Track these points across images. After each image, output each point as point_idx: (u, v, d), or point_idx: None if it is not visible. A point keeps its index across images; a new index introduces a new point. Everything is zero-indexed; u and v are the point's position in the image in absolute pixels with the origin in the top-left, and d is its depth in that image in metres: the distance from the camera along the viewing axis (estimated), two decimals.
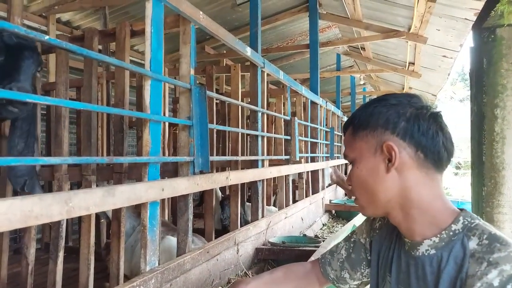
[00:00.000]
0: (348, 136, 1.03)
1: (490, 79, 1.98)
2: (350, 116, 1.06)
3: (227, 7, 6.26)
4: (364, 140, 0.98)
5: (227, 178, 2.39)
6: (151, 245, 1.73)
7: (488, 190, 1.99)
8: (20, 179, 2.05)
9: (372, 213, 1.04)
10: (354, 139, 1.00)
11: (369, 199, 0.99)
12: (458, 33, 5.62)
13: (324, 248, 2.59)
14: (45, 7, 4.48)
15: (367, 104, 1.02)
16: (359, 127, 0.99)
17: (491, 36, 1.98)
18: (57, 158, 1.22)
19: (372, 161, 0.96)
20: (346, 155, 1.04)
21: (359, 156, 0.99)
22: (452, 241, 0.89)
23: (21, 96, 1.13)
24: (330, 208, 5.48)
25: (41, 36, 1.16)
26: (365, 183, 0.98)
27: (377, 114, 0.96)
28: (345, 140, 1.05)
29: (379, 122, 0.95)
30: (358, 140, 0.99)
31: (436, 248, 0.91)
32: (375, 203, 0.98)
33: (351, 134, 1.02)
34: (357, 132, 1.00)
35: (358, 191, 1.01)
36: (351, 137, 1.02)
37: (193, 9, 2.05)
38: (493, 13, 1.98)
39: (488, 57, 1.99)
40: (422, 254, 0.93)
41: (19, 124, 2.02)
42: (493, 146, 1.96)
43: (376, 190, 0.96)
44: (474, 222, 0.90)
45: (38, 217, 1.10)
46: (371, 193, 0.97)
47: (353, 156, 1.01)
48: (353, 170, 1.01)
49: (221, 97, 2.68)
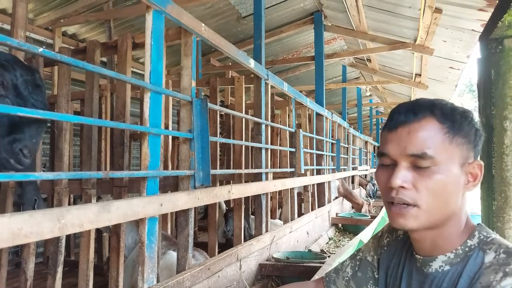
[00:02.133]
0: (435, 132, 0.86)
1: (499, 90, 1.93)
2: (427, 104, 0.90)
3: (232, 20, 6.29)
4: (459, 148, 0.87)
5: (229, 192, 2.34)
6: (149, 262, 1.68)
7: (498, 205, 1.93)
8: (31, 200, 2.02)
9: (421, 226, 0.88)
10: (450, 142, 0.86)
11: (436, 212, 0.87)
12: (465, 44, 5.58)
13: (329, 265, 2.52)
14: (51, 21, 4.53)
15: (456, 107, 0.91)
16: (459, 132, 0.87)
17: (499, 47, 1.94)
18: (50, 173, 1.18)
19: (458, 172, 0.87)
20: (430, 156, 0.85)
21: (451, 163, 0.86)
22: (467, 256, 0.87)
23: (9, 110, 1.09)
24: (337, 221, 5.40)
25: (34, 48, 1.13)
26: (445, 190, 0.85)
27: (474, 128, 0.90)
28: (428, 134, 0.86)
29: (473, 138, 0.90)
30: (455, 145, 0.87)
31: (451, 264, 0.89)
32: (439, 217, 0.88)
33: (445, 133, 0.86)
34: (455, 135, 0.87)
35: (430, 200, 0.85)
36: (444, 137, 0.86)
37: (194, 21, 2.03)
38: (500, 24, 1.94)
39: (496, 68, 1.94)
40: (436, 271, 0.90)
41: None
42: (502, 159, 1.90)
43: (450, 200, 0.87)
44: (490, 237, 0.88)
45: (28, 235, 1.06)
46: (444, 202, 0.86)
47: (442, 161, 0.85)
48: (436, 177, 0.85)
49: (224, 109, 2.65)
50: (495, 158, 1.94)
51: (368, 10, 5.73)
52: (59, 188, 2.32)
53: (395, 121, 0.90)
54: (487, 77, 1.98)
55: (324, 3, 6.21)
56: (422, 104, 0.90)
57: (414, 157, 0.86)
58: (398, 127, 0.89)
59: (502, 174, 1.90)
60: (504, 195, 1.91)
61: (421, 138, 0.86)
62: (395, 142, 0.89)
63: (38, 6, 4.65)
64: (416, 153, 0.85)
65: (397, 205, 0.88)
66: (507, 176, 1.89)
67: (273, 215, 4.81)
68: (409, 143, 0.86)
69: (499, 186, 1.92)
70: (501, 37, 1.93)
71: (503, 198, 1.91)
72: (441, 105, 0.89)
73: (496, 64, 1.94)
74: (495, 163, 1.93)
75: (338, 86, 9.92)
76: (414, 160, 0.86)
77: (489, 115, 1.97)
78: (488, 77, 1.98)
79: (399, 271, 1.01)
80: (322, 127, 5.22)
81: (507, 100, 1.91)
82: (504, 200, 1.91)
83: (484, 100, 2.00)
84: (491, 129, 1.95)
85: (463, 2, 4.33)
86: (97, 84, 2.37)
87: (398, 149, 0.88)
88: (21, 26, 2.39)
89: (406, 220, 0.87)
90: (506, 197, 1.90)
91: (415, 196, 0.86)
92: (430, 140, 0.85)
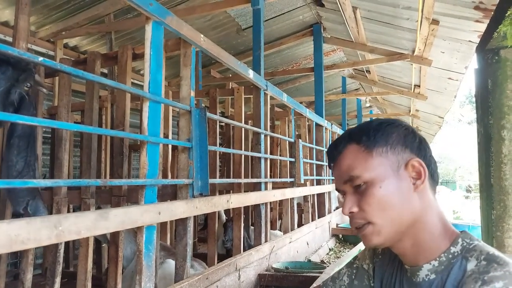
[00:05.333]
0: (355, 154, 0.92)
1: (496, 100, 1.95)
2: (346, 135, 0.97)
3: (232, 32, 6.36)
4: (383, 157, 0.90)
5: (228, 201, 2.35)
6: (147, 271, 1.67)
7: (497, 214, 1.93)
8: (22, 200, 1.99)
9: (387, 240, 0.90)
10: (371, 156, 0.90)
11: (392, 223, 0.88)
12: (463, 55, 5.62)
13: (327, 274, 2.51)
14: (53, 33, 4.58)
15: (371, 123, 0.96)
16: (375, 143, 0.91)
17: (495, 58, 1.96)
18: (48, 180, 1.19)
19: (396, 180, 0.89)
20: (357, 176, 0.90)
21: (380, 174, 0.89)
22: (451, 263, 0.86)
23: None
24: (337, 232, 5.37)
25: (35, 57, 1.16)
26: (389, 204, 0.87)
27: (394, 133, 0.93)
28: (350, 159, 0.93)
29: (399, 140, 0.92)
30: (377, 157, 0.90)
31: (436, 272, 0.88)
32: (398, 227, 0.88)
33: (363, 151, 0.91)
34: (373, 148, 0.90)
35: (378, 214, 0.88)
36: (363, 154, 0.91)
37: (193, 32, 2.06)
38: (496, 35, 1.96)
39: (493, 78, 1.96)
40: (423, 280, 0.90)
41: (16, 142, 1.96)
42: (501, 168, 1.91)
43: (402, 211, 0.88)
44: (473, 243, 0.87)
45: (25, 242, 1.06)
46: (395, 215, 0.88)
47: (370, 176, 0.89)
48: (371, 191, 0.88)
49: (223, 119, 2.67)
50: (493, 167, 1.94)
51: (366, 22, 5.79)
52: (58, 198, 2.32)
53: (328, 160, 1.01)
54: (484, 87, 2.00)
55: (323, 15, 6.28)
56: (342, 136, 0.99)
57: (348, 183, 0.93)
58: (331, 164, 1.00)
59: (500, 183, 1.90)
60: (503, 204, 1.91)
61: (345, 165, 0.94)
62: (335, 177, 0.98)
63: (40, 19, 4.71)
64: (346, 179, 0.93)
65: (358, 228, 0.93)
66: (505, 185, 1.89)
67: (273, 226, 4.80)
68: (340, 173, 0.95)
69: (498, 195, 1.92)
70: (497, 48, 1.96)
71: (502, 207, 1.91)
72: (357, 128, 0.97)
73: (493, 74, 1.96)
74: (494, 172, 1.93)
75: (338, 97, 9.96)
76: (350, 186, 0.93)
77: (487, 125, 1.98)
78: (486, 87, 1.99)
79: (393, 281, 1.01)
80: (322, 138, 5.24)
81: (504, 109, 1.93)
82: (503, 209, 1.91)
83: (482, 110, 2.01)
84: (489, 139, 1.95)
85: (459, 14, 4.37)
86: (97, 95, 2.39)
87: (338, 181, 0.97)
88: (23, 38, 2.43)
89: (368, 238, 0.91)
90: (505, 206, 1.90)
91: (364, 215, 0.90)
92: (353, 163, 0.92)
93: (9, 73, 1.84)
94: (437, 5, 4.23)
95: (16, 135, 1.95)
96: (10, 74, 1.85)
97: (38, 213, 2.01)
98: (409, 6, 4.77)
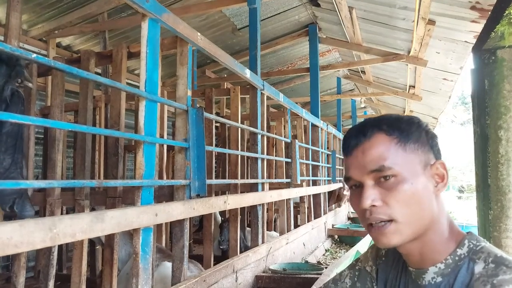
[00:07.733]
0: (387, 144, 0.87)
1: (493, 100, 1.94)
2: (371, 123, 0.91)
3: (227, 32, 6.33)
4: (415, 153, 0.87)
5: (225, 202, 2.31)
6: (143, 273, 1.64)
7: (494, 214, 1.92)
8: (8, 198, 1.93)
9: (405, 241, 0.86)
10: (404, 150, 0.86)
11: (414, 223, 0.85)
12: (458, 56, 5.64)
13: (327, 276, 2.49)
14: (45, 32, 4.52)
15: (401, 117, 0.92)
16: (408, 139, 0.88)
17: (492, 58, 1.95)
18: (41, 181, 1.15)
19: (422, 177, 0.87)
20: (388, 167, 0.85)
21: (412, 170, 0.86)
22: (458, 266, 0.85)
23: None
24: (333, 233, 5.36)
25: (27, 54, 1.12)
26: (417, 203, 0.84)
27: (423, 131, 0.91)
28: (381, 148, 0.87)
29: (427, 140, 0.90)
30: (410, 152, 0.87)
31: (443, 275, 0.86)
32: (418, 228, 0.86)
33: (396, 143, 0.87)
34: (406, 143, 0.87)
35: (405, 211, 0.84)
36: (396, 147, 0.87)
37: (190, 30, 2.03)
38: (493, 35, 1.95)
39: (490, 78, 1.95)
40: (429, 283, 0.88)
41: (4, 139, 1.89)
42: (498, 168, 1.90)
43: (425, 212, 0.86)
44: (480, 245, 0.85)
45: (18, 245, 1.02)
46: (419, 215, 0.85)
47: (403, 170, 0.85)
48: (402, 187, 0.84)
49: (220, 119, 2.64)
50: (490, 167, 1.93)
51: (362, 22, 5.79)
52: (51, 200, 2.28)
53: (349, 146, 0.92)
54: (481, 88, 1.99)
55: (318, 15, 6.27)
56: (369, 124, 0.92)
57: (375, 173, 0.87)
58: (352, 150, 0.91)
59: (497, 183, 1.89)
60: (500, 204, 1.90)
61: (375, 153, 0.87)
62: (355, 165, 0.90)
63: (32, 17, 4.64)
64: (375, 168, 0.86)
65: (376, 225, 0.87)
66: (502, 185, 1.88)
67: (269, 227, 4.77)
68: (366, 161, 0.88)
69: (495, 195, 1.91)
70: (494, 48, 1.95)
71: (499, 207, 1.90)
72: (386, 119, 0.92)
73: (489, 74, 1.95)
74: (491, 172, 1.92)
75: (333, 98, 9.95)
76: (376, 176, 0.87)
77: (483, 125, 1.97)
78: (482, 87, 1.98)
79: (397, 283, 0.99)
80: (318, 138, 5.22)
81: (501, 109, 1.92)
82: (500, 209, 1.90)
83: (479, 110, 2.00)
84: (486, 139, 1.95)
85: (456, 14, 4.38)
86: (91, 94, 2.35)
87: (359, 170, 0.89)
88: (15, 36, 2.37)
89: (388, 237, 0.86)
90: (502, 206, 1.89)
91: (389, 211, 0.85)
92: (384, 153, 0.87)
93: (3, 70, 1.80)
94: (433, 5, 4.24)
95: (4, 132, 1.89)
96: (4, 71, 1.81)
97: (24, 211, 1.95)
98: (405, 6, 4.78)
